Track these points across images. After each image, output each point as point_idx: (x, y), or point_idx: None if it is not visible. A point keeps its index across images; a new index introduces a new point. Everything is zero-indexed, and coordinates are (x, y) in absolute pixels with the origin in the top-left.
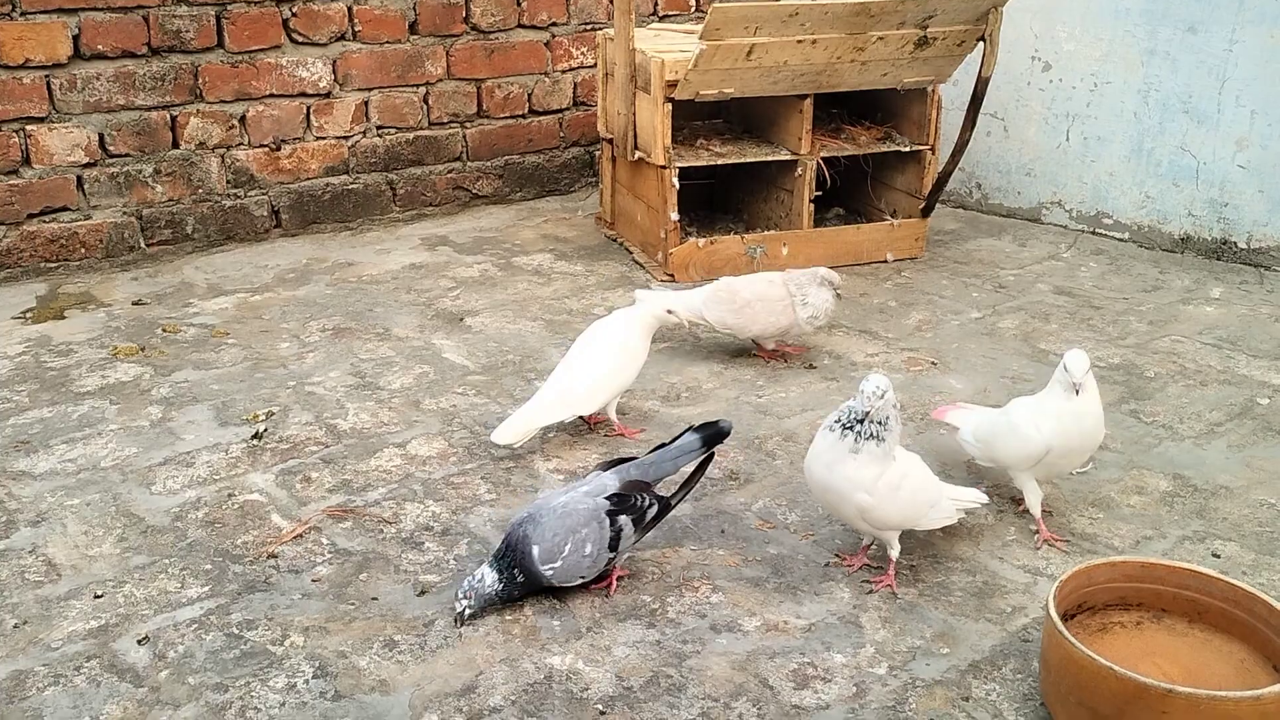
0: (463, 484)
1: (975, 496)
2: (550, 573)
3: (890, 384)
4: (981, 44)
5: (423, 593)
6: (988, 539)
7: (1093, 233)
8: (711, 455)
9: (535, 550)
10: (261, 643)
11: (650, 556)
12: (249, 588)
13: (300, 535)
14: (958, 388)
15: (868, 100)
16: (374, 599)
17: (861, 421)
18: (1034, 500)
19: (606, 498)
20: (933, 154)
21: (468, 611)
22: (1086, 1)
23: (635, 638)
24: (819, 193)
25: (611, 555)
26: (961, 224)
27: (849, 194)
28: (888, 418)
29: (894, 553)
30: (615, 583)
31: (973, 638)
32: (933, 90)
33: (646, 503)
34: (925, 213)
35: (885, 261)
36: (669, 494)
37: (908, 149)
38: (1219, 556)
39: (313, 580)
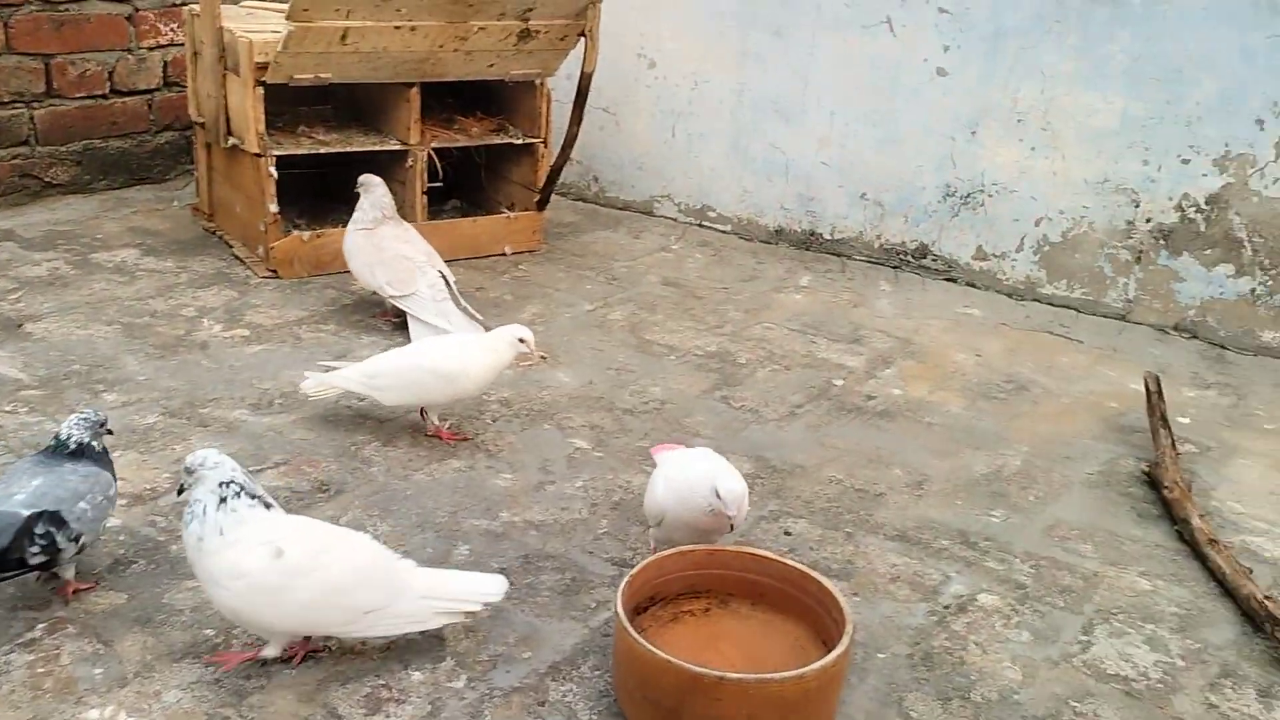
0: None
1: (484, 591)
2: None
3: (210, 457)
4: (583, 40)
5: None
6: (580, 533)
7: (700, 225)
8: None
9: None
10: None
11: None
12: None
13: None
14: (565, 381)
15: (481, 92)
16: None
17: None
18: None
19: None
20: (545, 147)
21: None
22: (685, 2)
23: (191, 679)
24: (438, 184)
25: None
26: (580, 216)
27: (468, 187)
28: (221, 500)
29: (268, 652)
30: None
31: (555, 638)
32: (541, 83)
33: None
34: (540, 205)
35: (504, 255)
36: None
37: (520, 141)
38: (790, 534)
39: None
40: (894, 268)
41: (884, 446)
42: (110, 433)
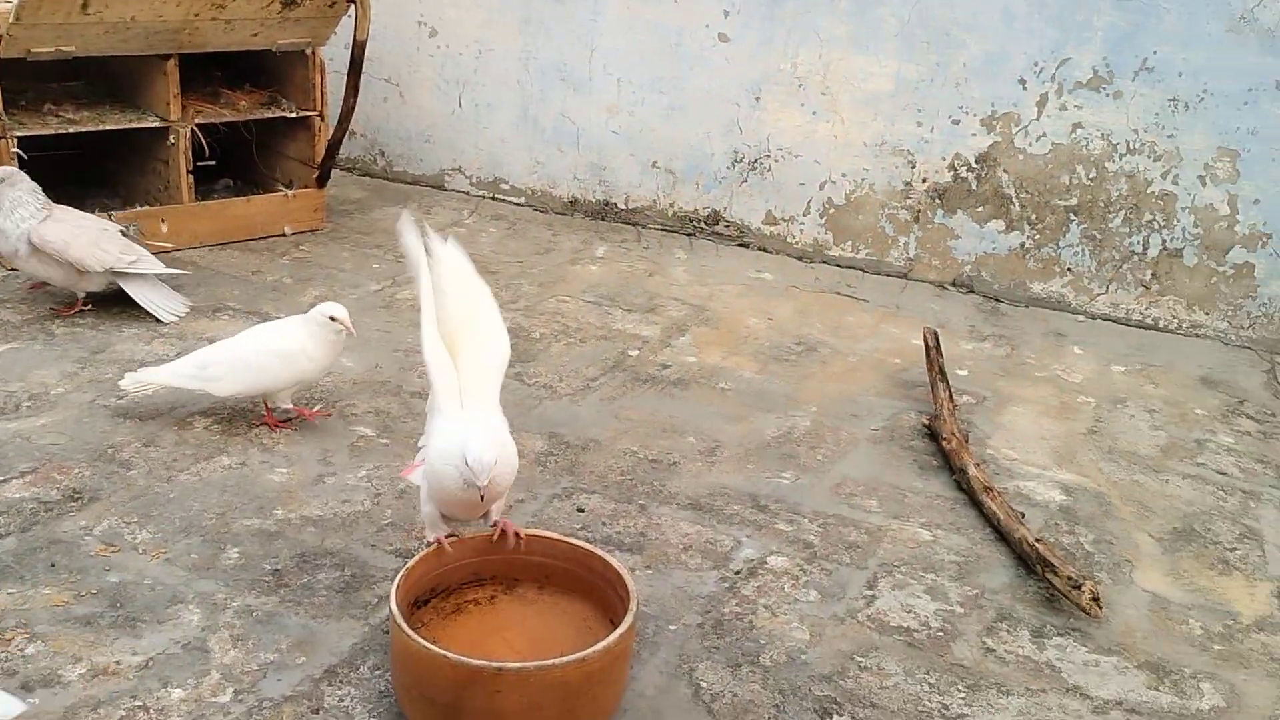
0: None
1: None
2: None
3: None
4: (353, 6)
5: None
6: (362, 526)
7: (493, 198)
8: None
9: None
10: None
11: None
12: None
13: None
14: (349, 365)
15: (250, 63)
16: None
17: None
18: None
19: None
20: (322, 120)
21: None
22: None
23: None
24: (211, 162)
25: None
26: (367, 193)
27: (240, 164)
28: None
29: None
30: None
31: (333, 639)
32: (313, 53)
33: None
34: (320, 182)
35: (284, 235)
36: None
37: (294, 115)
38: (583, 510)
39: None
40: (688, 235)
41: (678, 415)
42: None
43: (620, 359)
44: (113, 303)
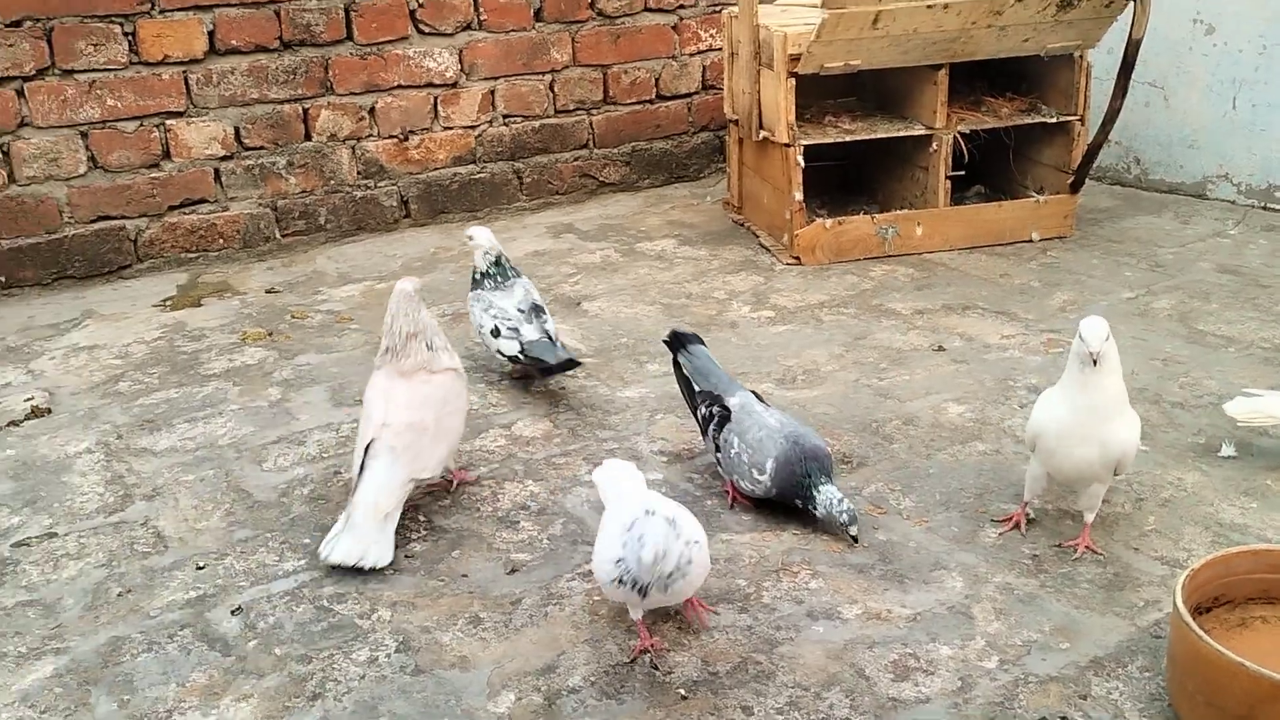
0: (564, 465)
1: None
2: None
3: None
4: (1131, 4)
5: (513, 571)
6: (1123, 528)
7: (1264, 208)
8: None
9: None
10: (349, 615)
11: (749, 540)
12: None
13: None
14: None
15: (1009, 69)
16: (464, 576)
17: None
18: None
19: None
20: (1082, 125)
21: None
22: None
23: (726, 622)
24: (961, 172)
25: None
26: (1118, 201)
27: (991, 171)
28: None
29: None
30: None
31: (1097, 632)
32: (1080, 56)
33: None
34: (1074, 188)
35: (1030, 241)
36: None
37: (1054, 120)
38: None
39: (406, 556)
40: None
41: None
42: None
43: None
44: (873, 295)
